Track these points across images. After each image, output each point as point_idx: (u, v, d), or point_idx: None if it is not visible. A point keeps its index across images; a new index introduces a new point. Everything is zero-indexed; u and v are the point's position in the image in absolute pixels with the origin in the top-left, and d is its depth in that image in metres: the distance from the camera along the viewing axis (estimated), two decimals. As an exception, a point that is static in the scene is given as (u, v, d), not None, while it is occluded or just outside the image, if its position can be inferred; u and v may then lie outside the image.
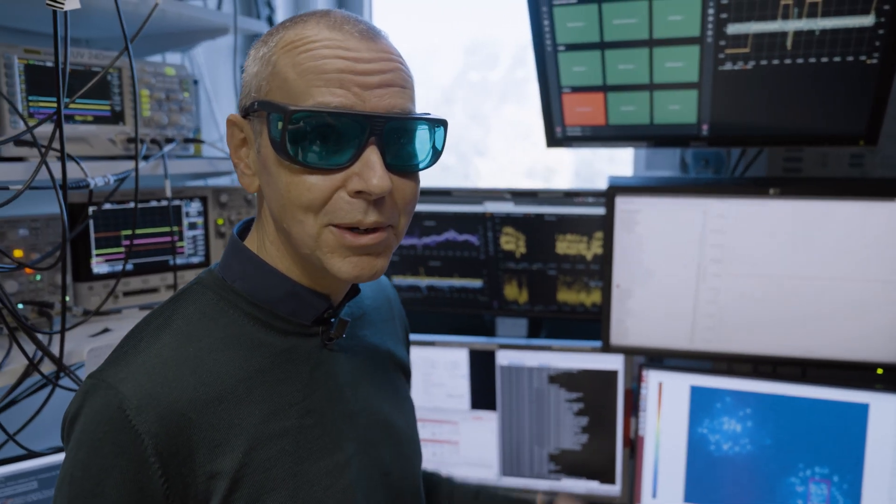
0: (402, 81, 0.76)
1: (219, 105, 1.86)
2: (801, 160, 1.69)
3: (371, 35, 0.76)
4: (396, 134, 0.76)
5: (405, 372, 1.05)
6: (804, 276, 1.44)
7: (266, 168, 0.77)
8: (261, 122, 0.77)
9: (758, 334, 1.50)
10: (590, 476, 1.72)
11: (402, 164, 0.77)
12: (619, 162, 2.24)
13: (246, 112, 0.79)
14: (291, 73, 0.74)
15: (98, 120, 1.27)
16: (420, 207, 1.79)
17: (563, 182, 2.50)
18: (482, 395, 1.76)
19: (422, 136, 0.79)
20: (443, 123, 0.81)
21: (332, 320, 0.86)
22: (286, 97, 0.74)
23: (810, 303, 1.45)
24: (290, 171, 0.74)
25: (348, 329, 0.90)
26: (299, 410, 0.81)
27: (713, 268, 1.49)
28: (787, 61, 1.33)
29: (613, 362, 1.68)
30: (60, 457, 1.21)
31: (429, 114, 0.81)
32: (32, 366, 1.06)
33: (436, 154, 0.81)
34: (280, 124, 0.72)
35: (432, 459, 1.79)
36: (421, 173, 0.82)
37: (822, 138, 1.41)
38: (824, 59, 1.32)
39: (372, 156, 0.73)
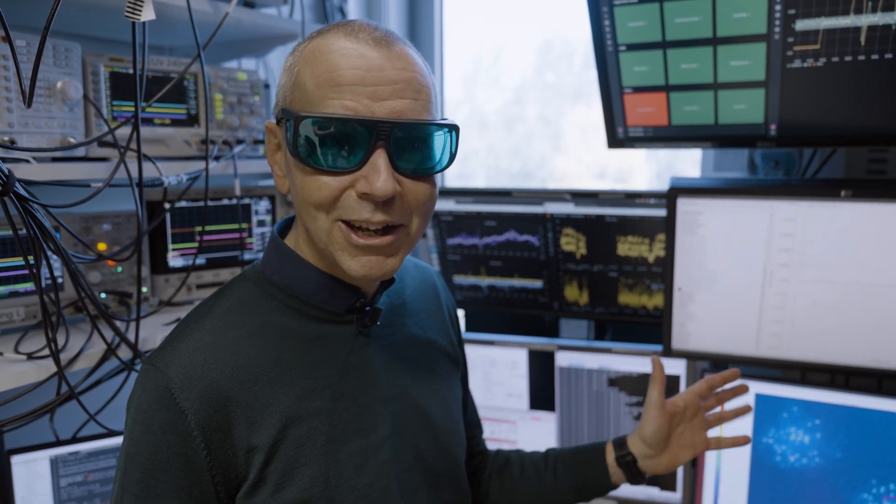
0: (414, 88, 0.79)
1: (291, 108, 1.94)
2: (885, 161, 1.60)
3: (385, 42, 0.79)
4: (406, 139, 0.79)
5: (452, 360, 1.07)
6: (881, 284, 1.37)
7: (290, 169, 0.83)
8: (285, 128, 0.82)
9: (829, 343, 1.44)
10: (650, 482, 1.69)
11: (414, 167, 0.80)
12: (699, 163, 2.18)
13: (278, 119, 0.85)
14: (309, 83, 0.79)
15: (175, 123, 1.35)
16: (481, 207, 1.81)
17: (641, 184, 2.45)
18: (541, 396, 1.76)
19: (434, 141, 0.82)
20: (453, 128, 0.83)
21: (367, 308, 0.90)
22: (304, 105, 0.79)
23: (887, 311, 1.38)
24: (303, 171, 0.80)
25: (387, 318, 0.95)
26: (332, 393, 0.86)
27: (781, 272, 1.44)
28: (861, 57, 1.27)
29: (675, 367, 1.64)
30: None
31: (445, 119, 0.84)
32: (110, 350, 1.14)
33: (451, 157, 0.84)
34: (292, 129, 0.78)
35: (490, 458, 1.80)
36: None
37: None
38: (903, 55, 1.25)
39: (378, 160, 0.77)
